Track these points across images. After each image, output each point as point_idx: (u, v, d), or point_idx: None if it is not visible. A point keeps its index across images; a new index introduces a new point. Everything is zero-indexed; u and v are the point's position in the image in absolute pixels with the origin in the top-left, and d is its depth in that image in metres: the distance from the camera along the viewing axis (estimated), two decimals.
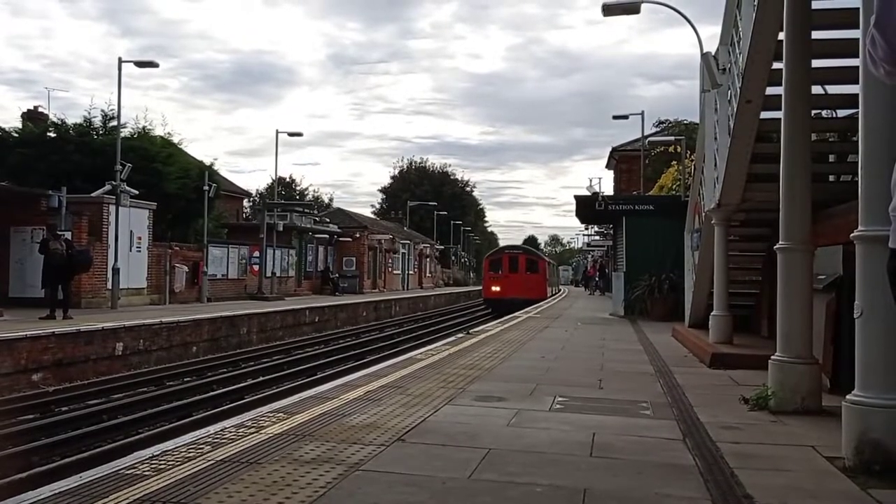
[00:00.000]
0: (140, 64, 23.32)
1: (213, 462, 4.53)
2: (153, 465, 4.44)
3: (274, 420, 5.84)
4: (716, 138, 10.96)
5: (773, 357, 6.75)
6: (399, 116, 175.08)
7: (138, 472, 4.28)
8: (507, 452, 4.94)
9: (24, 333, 13.81)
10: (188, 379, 15.47)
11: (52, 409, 12.06)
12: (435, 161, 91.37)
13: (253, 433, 5.37)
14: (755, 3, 7.80)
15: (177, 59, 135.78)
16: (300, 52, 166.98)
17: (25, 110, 30.50)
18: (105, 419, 11.11)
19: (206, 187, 28.31)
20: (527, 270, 40.99)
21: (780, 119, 7.05)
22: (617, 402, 6.97)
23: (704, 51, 11.71)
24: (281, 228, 34.10)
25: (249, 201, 55.45)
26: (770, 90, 8.72)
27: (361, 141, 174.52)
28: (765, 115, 9.30)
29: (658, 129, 36.02)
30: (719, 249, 11.13)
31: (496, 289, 40.45)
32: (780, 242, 6.71)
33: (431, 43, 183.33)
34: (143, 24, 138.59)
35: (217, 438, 5.20)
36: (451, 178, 75.58)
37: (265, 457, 4.68)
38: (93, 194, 22.79)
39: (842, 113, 10.73)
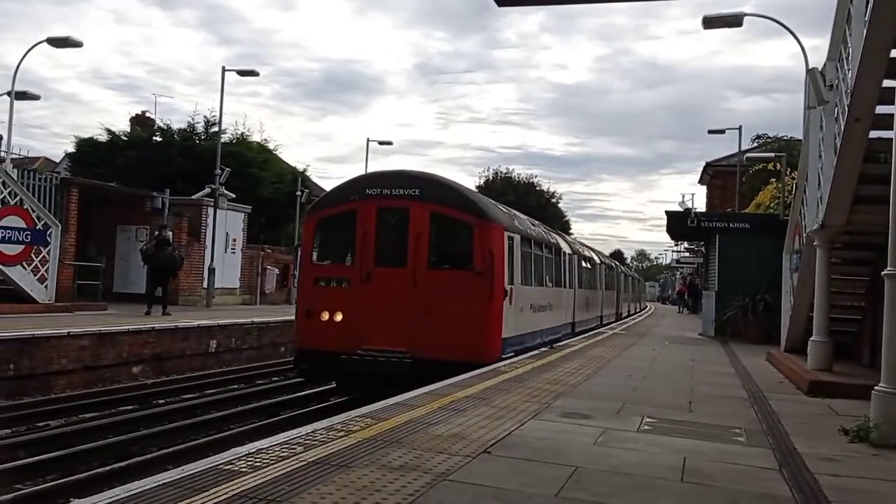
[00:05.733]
0: (242, 73, 24.21)
1: (305, 463, 4.66)
2: (249, 462, 4.60)
3: (362, 425, 5.95)
4: (820, 157, 10.55)
5: (876, 388, 6.47)
6: (483, 126, 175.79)
7: (235, 469, 4.45)
8: (595, 472, 4.89)
9: (127, 328, 14.51)
10: (276, 378, 15.90)
11: (149, 401, 12.62)
12: (520, 171, 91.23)
13: (342, 436, 5.49)
14: (866, 19, 7.49)
15: (270, 66, 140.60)
16: (387, 61, 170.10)
17: (133, 115, 32.19)
18: (199, 414, 11.53)
19: (298, 193, 29.16)
20: (437, 262, 11.69)
21: (890, 139, 6.76)
22: (708, 427, 6.78)
23: (810, 66, 11.32)
24: None
25: None
26: (880, 108, 8.35)
27: (446, 150, 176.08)
28: (874, 133, 8.90)
29: (755, 145, 34.94)
30: (821, 272, 10.70)
31: (332, 319, 11.66)
32: (888, 268, 6.41)
33: (517, 53, 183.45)
34: (239, 32, 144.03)
35: (308, 440, 5.35)
36: (537, 188, 75.24)
37: (355, 461, 4.78)
38: (193, 197, 23.79)
39: None
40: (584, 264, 22.04)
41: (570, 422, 6.66)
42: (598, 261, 25.97)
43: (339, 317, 11.61)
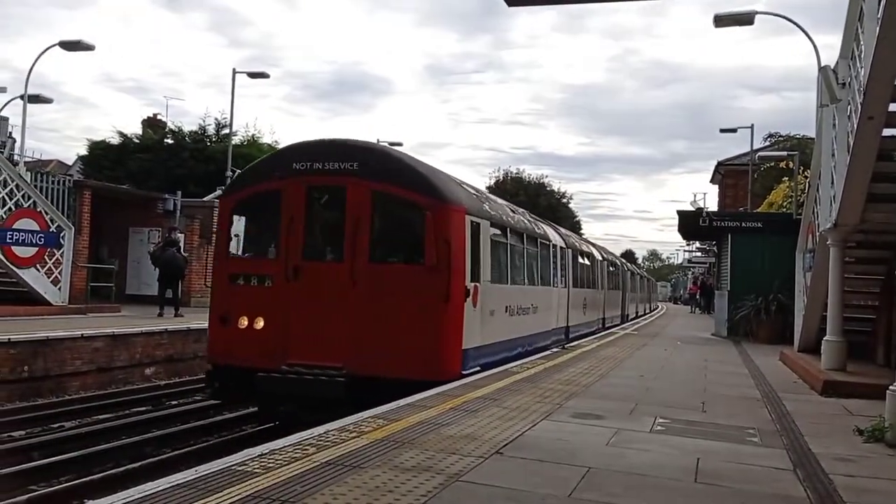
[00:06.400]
0: (252, 75, 24.32)
1: (318, 464, 4.67)
2: (262, 464, 4.62)
3: (374, 426, 5.96)
4: (833, 155, 10.48)
5: (891, 387, 6.45)
6: (493, 126, 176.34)
7: (248, 469, 4.46)
8: (608, 473, 4.87)
9: (140, 329, 14.58)
10: None
11: (162, 402, 12.68)
12: (531, 171, 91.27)
13: (354, 437, 5.50)
14: (879, 17, 7.44)
15: (279, 68, 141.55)
16: (397, 62, 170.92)
17: (145, 118, 32.40)
18: (212, 415, 11.57)
19: None
20: (381, 254, 9.64)
21: None
22: (722, 427, 6.75)
23: (822, 64, 11.25)
24: None
25: None
26: (893, 106, 8.30)
27: (456, 150, 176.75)
28: (887, 132, 8.85)
29: (767, 144, 34.75)
30: (834, 271, 10.62)
31: (252, 327, 9.49)
32: None
33: (526, 53, 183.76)
34: (248, 35, 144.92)
35: (321, 440, 5.36)
36: (548, 188, 75.20)
37: (367, 461, 4.78)
38: (205, 199, 23.89)
39: None
40: (581, 260, 19.66)
41: (583, 422, 6.64)
42: (598, 257, 23.50)
43: (259, 323, 9.43)
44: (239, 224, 10.40)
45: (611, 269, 26.23)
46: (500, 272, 11.42)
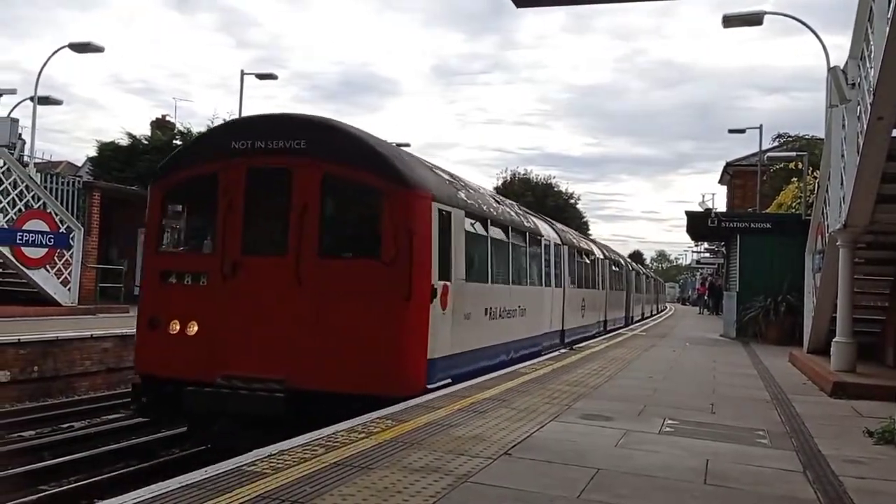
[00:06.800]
0: (260, 76, 24.39)
1: (327, 464, 4.69)
2: (271, 464, 4.63)
3: (383, 427, 5.97)
4: (843, 156, 10.44)
5: None
6: (500, 127, 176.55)
7: (258, 470, 4.48)
8: (617, 474, 4.87)
9: None
10: None
11: None
12: (538, 172, 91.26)
13: (363, 438, 5.51)
14: (889, 17, 7.40)
15: (286, 69, 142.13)
16: (404, 63, 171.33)
17: (154, 119, 32.52)
18: None
19: None
20: (331, 247, 8.29)
21: None
22: (731, 429, 6.73)
23: (831, 64, 11.21)
24: None
25: None
26: None
27: (462, 151, 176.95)
28: None
29: (776, 144, 34.63)
30: (844, 273, 10.58)
31: (184, 332, 8.30)
32: None
33: (533, 54, 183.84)
34: (256, 36, 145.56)
35: (330, 441, 5.37)
36: (555, 189, 75.15)
37: (376, 462, 4.79)
38: None
39: None
40: (579, 258, 18.11)
41: (592, 423, 6.64)
42: (599, 255, 21.82)
43: (193, 328, 8.23)
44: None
45: (614, 268, 24.79)
46: (478, 270, 10.18)
